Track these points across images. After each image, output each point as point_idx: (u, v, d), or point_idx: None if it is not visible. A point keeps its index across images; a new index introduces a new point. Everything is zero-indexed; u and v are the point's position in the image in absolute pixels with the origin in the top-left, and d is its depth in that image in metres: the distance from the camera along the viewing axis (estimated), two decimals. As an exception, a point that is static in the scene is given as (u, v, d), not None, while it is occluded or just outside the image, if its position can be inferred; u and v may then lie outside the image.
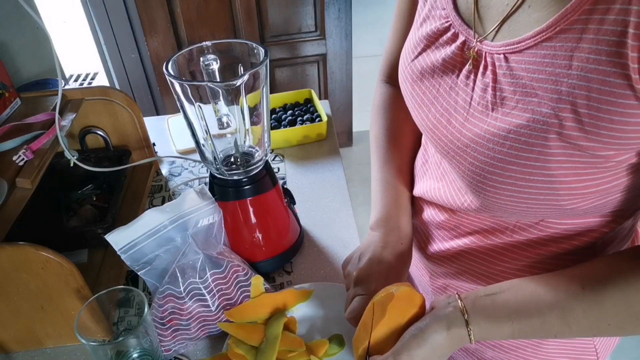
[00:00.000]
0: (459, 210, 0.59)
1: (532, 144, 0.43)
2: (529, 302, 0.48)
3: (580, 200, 0.45)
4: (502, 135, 0.45)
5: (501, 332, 0.48)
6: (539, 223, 0.53)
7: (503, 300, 0.48)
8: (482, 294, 0.50)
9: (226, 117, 0.73)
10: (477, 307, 0.49)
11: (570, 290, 0.46)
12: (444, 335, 0.48)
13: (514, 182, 0.45)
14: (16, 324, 0.68)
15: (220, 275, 0.69)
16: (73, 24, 2.25)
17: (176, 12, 2.07)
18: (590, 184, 0.44)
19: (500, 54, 0.45)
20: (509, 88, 0.44)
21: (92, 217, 0.86)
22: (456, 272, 0.63)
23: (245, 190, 0.73)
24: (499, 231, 0.56)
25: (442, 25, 0.53)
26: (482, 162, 0.47)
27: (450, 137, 0.51)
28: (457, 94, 0.50)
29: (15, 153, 0.70)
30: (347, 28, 2.28)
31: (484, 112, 0.47)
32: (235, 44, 0.73)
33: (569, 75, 0.39)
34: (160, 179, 1.05)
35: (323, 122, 1.10)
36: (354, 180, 2.49)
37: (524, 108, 0.43)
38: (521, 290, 0.49)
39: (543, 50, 0.41)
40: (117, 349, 0.60)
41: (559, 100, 0.40)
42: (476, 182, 0.49)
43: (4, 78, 0.78)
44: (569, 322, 0.46)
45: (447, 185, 0.59)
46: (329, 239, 0.87)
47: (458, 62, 0.51)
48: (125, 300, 0.75)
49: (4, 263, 0.60)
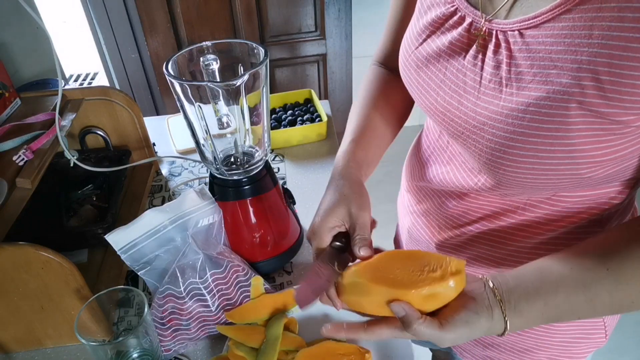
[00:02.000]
0: (469, 193, 0.59)
1: (552, 115, 0.43)
2: (557, 290, 0.47)
3: (598, 167, 0.46)
4: (521, 109, 0.45)
5: (532, 323, 0.48)
6: (550, 198, 0.53)
7: (533, 291, 0.47)
8: (512, 285, 0.48)
9: (226, 117, 0.73)
10: (512, 300, 0.47)
11: (597, 274, 0.46)
12: (488, 325, 0.47)
13: (534, 154, 0.46)
14: (16, 324, 0.68)
15: (220, 275, 0.69)
16: (73, 24, 2.25)
17: (176, 12, 2.07)
18: (608, 152, 0.45)
19: (515, 30, 0.46)
20: (525, 62, 0.45)
21: (92, 217, 0.86)
22: (468, 259, 0.64)
23: (245, 190, 0.73)
24: (509, 211, 0.57)
25: (447, 10, 0.53)
26: (501, 138, 0.48)
27: (465, 118, 0.52)
28: (464, 75, 0.51)
29: (15, 153, 0.70)
30: (347, 28, 2.28)
31: (496, 89, 0.47)
32: (235, 44, 0.73)
33: (590, 45, 0.40)
34: (160, 179, 1.04)
35: (323, 122, 1.10)
36: (354, 180, 2.49)
37: (543, 80, 0.44)
38: (547, 277, 0.48)
39: (561, 22, 0.42)
40: (117, 349, 0.60)
41: (579, 69, 0.41)
42: (495, 159, 0.50)
43: (4, 78, 0.78)
44: (594, 305, 0.47)
45: (456, 167, 0.59)
46: (329, 239, 0.86)
47: (465, 44, 0.51)
48: (125, 300, 0.75)
49: (4, 263, 0.60)
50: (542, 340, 0.64)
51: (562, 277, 0.47)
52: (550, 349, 0.65)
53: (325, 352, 0.64)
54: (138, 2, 2.01)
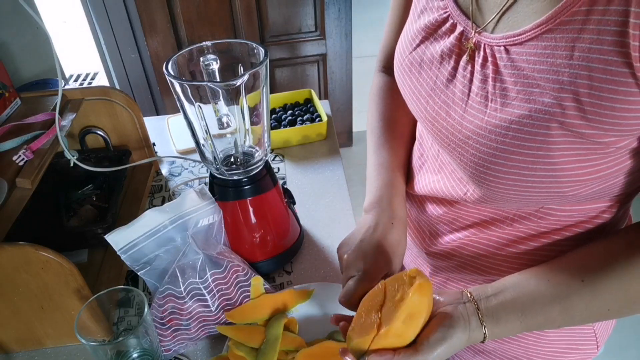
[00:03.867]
0: (459, 202, 0.59)
1: (534, 133, 0.43)
2: (534, 301, 0.49)
3: (581, 186, 0.46)
4: (504, 126, 0.45)
5: (510, 332, 0.49)
6: (539, 211, 0.53)
7: (510, 300, 0.49)
8: (490, 294, 0.50)
9: (226, 117, 0.73)
10: (489, 308, 0.49)
11: (572, 286, 0.48)
12: (466, 336, 0.48)
13: (517, 171, 0.46)
14: (16, 324, 0.68)
15: (220, 275, 0.69)
16: (73, 24, 2.25)
17: (176, 12, 2.07)
18: (591, 170, 0.45)
19: (501, 45, 0.46)
20: (510, 79, 0.45)
21: (92, 217, 0.86)
22: (457, 266, 0.64)
23: (245, 190, 0.73)
24: (499, 221, 0.57)
25: (440, 17, 0.53)
26: (484, 153, 0.48)
27: (451, 129, 0.52)
28: (454, 85, 0.51)
29: (15, 153, 0.70)
30: (347, 28, 2.28)
31: (482, 104, 0.47)
32: (235, 44, 0.73)
33: (571, 65, 0.40)
34: (160, 179, 1.04)
35: (323, 122, 1.10)
36: (354, 180, 2.49)
37: (526, 99, 0.44)
38: (523, 288, 0.50)
39: (544, 42, 0.42)
40: (117, 349, 0.60)
41: (560, 89, 0.41)
42: (478, 173, 0.50)
43: (4, 78, 0.78)
44: (572, 315, 0.48)
45: (446, 176, 0.59)
46: (329, 239, 0.87)
47: (455, 54, 0.51)
48: (125, 300, 0.75)
49: (4, 263, 0.60)
50: (532, 350, 0.64)
51: (538, 288, 0.49)
52: (540, 358, 0.65)
53: (325, 352, 0.64)
54: (138, 2, 2.01)
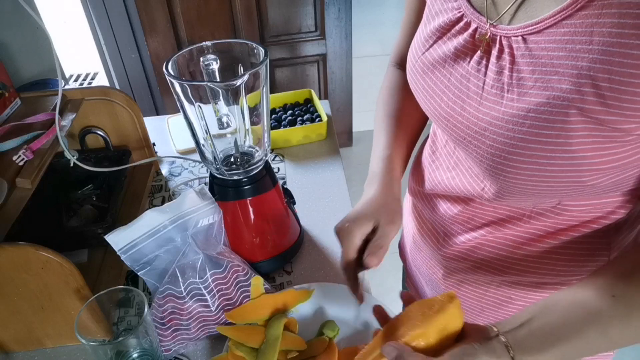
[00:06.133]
0: (475, 200, 0.59)
1: (552, 121, 0.43)
2: (564, 325, 0.46)
3: (600, 175, 0.46)
4: (522, 115, 0.45)
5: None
6: (555, 207, 0.53)
7: (539, 328, 0.47)
8: (517, 324, 0.47)
9: (226, 117, 0.73)
10: (519, 341, 0.46)
11: (603, 303, 0.45)
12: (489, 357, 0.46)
13: (535, 160, 0.46)
14: (16, 324, 0.68)
15: (220, 275, 0.69)
16: (73, 24, 2.25)
17: (176, 12, 2.07)
18: (611, 159, 0.44)
19: (518, 35, 0.46)
20: (527, 68, 0.45)
21: (92, 217, 0.86)
22: (472, 267, 0.64)
23: (245, 190, 0.73)
24: (515, 219, 0.57)
25: (454, 16, 0.53)
26: (501, 144, 0.48)
27: (466, 123, 0.52)
28: (468, 80, 0.51)
29: (15, 153, 0.70)
30: (347, 28, 2.27)
31: (498, 95, 0.48)
32: (235, 44, 0.73)
33: (590, 51, 0.40)
34: (160, 179, 1.04)
35: (323, 122, 1.10)
36: (354, 180, 2.48)
37: (544, 86, 0.44)
38: (551, 313, 0.47)
39: (563, 28, 0.42)
40: (117, 349, 0.60)
41: (579, 75, 0.41)
42: (496, 165, 0.50)
43: (4, 78, 0.78)
44: (609, 334, 0.45)
45: (461, 173, 0.59)
46: (329, 239, 0.87)
47: (469, 50, 0.51)
48: (125, 300, 0.75)
49: (4, 263, 0.60)
50: None
51: (567, 311, 0.47)
52: None
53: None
54: (138, 2, 2.01)
